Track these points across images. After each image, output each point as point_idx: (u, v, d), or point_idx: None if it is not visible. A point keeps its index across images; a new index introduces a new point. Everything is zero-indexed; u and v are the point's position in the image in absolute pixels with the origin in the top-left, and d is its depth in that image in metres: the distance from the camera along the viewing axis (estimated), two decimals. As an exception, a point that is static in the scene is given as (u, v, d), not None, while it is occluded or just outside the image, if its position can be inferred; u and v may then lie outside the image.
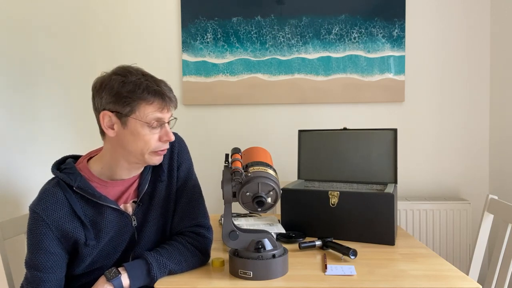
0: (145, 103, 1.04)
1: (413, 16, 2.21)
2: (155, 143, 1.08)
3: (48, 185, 1.09)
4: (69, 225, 1.05)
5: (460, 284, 1.01)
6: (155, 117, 1.06)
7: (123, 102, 1.04)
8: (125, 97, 1.04)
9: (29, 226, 1.06)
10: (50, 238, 1.04)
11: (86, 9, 2.25)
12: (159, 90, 1.06)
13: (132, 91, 1.04)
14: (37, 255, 1.04)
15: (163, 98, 1.06)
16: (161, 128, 1.08)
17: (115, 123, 1.06)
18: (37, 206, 1.05)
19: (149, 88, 1.05)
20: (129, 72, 1.06)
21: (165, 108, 1.07)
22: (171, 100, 1.08)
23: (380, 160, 1.58)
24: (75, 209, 1.06)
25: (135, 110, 1.05)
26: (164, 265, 1.08)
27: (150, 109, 1.05)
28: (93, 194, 1.07)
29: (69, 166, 1.11)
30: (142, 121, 1.05)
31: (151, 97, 1.05)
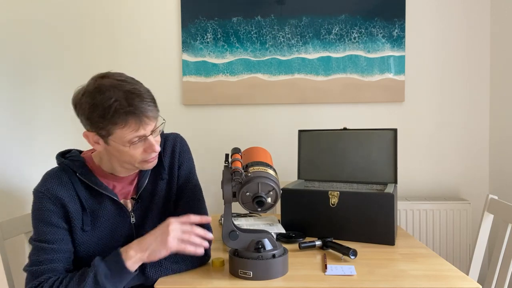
0: (117, 127, 1.00)
1: (413, 16, 2.21)
2: (141, 155, 1.07)
3: (52, 170, 1.12)
4: (71, 206, 1.07)
5: (460, 284, 1.01)
6: (132, 138, 1.02)
7: (96, 126, 1.02)
8: (97, 122, 1.01)
9: (34, 206, 1.07)
10: (57, 214, 1.06)
11: (86, 9, 2.25)
12: (130, 111, 0.99)
13: (101, 116, 0.99)
14: (45, 230, 1.05)
15: (136, 117, 1.00)
16: (144, 141, 1.05)
17: (98, 140, 1.06)
18: (42, 187, 1.07)
19: (119, 111, 0.98)
20: (99, 90, 1.00)
21: (141, 127, 1.01)
22: (147, 116, 1.01)
23: (380, 160, 1.58)
24: (78, 192, 1.08)
25: (111, 133, 1.02)
26: (159, 263, 1.08)
27: (126, 132, 1.01)
28: (95, 182, 1.10)
29: (74, 154, 1.14)
30: (120, 143, 1.03)
31: (122, 120, 0.99)
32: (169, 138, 1.24)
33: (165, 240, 1.00)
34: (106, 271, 0.99)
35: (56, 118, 2.02)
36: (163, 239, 1.00)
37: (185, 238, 1.03)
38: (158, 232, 1.02)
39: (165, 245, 1.00)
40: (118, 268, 1.00)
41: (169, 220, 1.03)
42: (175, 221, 1.03)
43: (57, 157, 1.14)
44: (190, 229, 1.04)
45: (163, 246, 1.00)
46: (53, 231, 1.06)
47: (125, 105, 0.99)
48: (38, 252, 1.04)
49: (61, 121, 2.06)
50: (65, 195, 1.07)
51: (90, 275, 0.98)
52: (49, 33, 2.01)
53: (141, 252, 1.01)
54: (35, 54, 1.88)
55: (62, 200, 1.06)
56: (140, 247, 1.01)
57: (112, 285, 0.99)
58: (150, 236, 1.02)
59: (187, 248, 1.02)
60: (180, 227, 1.03)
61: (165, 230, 1.01)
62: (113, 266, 1.00)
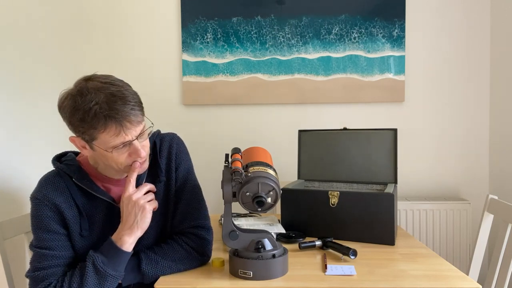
0: (97, 132, 0.97)
1: (413, 16, 2.21)
2: (126, 160, 1.04)
3: (48, 175, 1.11)
4: (68, 212, 1.07)
5: (460, 284, 1.01)
6: (114, 144, 0.99)
7: (78, 131, 1.00)
8: (78, 125, 0.99)
9: (32, 213, 1.08)
10: (55, 220, 1.06)
11: (86, 9, 2.25)
12: (110, 115, 0.95)
13: (82, 120, 0.97)
14: (44, 237, 1.06)
15: (116, 121, 0.96)
16: (129, 146, 1.02)
17: (85, 145, 1.05)
18: (38, 193, 1.07)
19: (99, 115, 0.95)
20: (80, 94, 0.97)
21: (121, 131, 0.98)
22: (128, 120, 0.98)
23: (380, 160, 1.57)
24: (75, 197, 1.08)
25: (93, 138, 0.99)
26: (156, 261, 1.09)
27: (106, 137, 0.98)
28: (91, 187, 1.09)
29: (69, 158, 1.14)
30: (103, 148, 1.01)
31: (102, 125, 0.96)
32: (165, 139, 1.21)
33: (143, 210, 1.06)
34: (103, 258, 1.02)
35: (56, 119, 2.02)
36: (142, 210, 1.06)
37: (148, 198, 1.09)
38: (130, 209, 1.06)
39: (145, 212, 1.06)
40: (115, 253, 1.03)
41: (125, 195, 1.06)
42: (131, 193, 1.06)
43: (53, 161, 1.13)
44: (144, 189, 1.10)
45: (146, 214, 1.06)
46: (52, 237, 1.06)
47: (106, 108, 0.95)
48: (39, 258, 1.05)
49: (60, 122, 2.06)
50: (62, 201, 1.07)
51: (89, 265, 1.01)
52: (48, 33, 2.01)
53: (134, 233, 1.05)
54: (34, 55, 1.88)
55: (59, 206, 1.06)
56: (131, 230, 1.05)
57: (112, 268, 1.02)
58: (128, 216, 1.06)
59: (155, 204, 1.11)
60: (139, 194, 1.07)
61: (133, 204, 1.06)
62: (109, 252, 1.03)
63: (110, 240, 1.05)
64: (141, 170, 1.10)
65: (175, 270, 1.11)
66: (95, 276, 1.01)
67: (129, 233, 1.04)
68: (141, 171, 1.10)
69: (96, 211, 1.11)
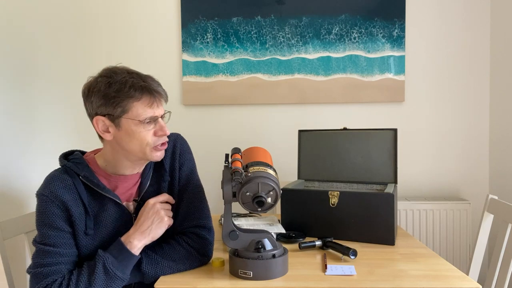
0: (133, 101, 1.04)
1: (413, 16, 2.21)
2: (152, 138, 1.08)
3: (55, 172, 1.12)
4: (74, 209, 1.07)
5: (460, 284, 1.01)
6: (146, 115, 1.06)
7: (112, 103, 1.04)
8: (114, 97, 1.04)
9: (38, 209, 1.07)
10: (61, 217, 1.06)
11: (85, 9, 2.25)
12: (145, 86, 1.05)
13: (119, 90, 1.04)
14: (49, 233, 1.06)
15: (151, 93, 1.06)
16: (155, 123, 1.09)
17: (109, 126, 1.07)
18: (45, 190, 1.07)
19: (136, 85, 1.04)
20: (114, 72, 1.06)
21: (154, 103, 1.07)
22: (159, 94, 1.08)
23: (380, 160, 1.57)
24: (81, 195, 1.09)
25: (126, 110, 1.05)
26: (156, 261, 1.09)
27: (140, 106, 1.05)
28: (97, 185, 1.10)
29: (77, 157, 1.14)
30: (135, 119, 1.05)
31: (139, 93, 1.05)
32: (170, 138, 1.22)
33: (162, 220, 1.09)
34: (113, 259, 1.03)
35: (57, 118, 2.02)
36: (161, 220, 1.09)
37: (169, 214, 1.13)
38: (151, 215, 1.09)
39: (162, 223, 1.09)
40: (125, 256, 1.04)
41: (151, 202, 1.11)
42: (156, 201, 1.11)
43: (60, 158, 1.14)
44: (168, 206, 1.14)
45: (162, 225, 1.09)
46: (57, 234, 1.06)
47: (140, 81, 1.05)
48: (42, 254, 1.05)
49: (61, 122, 2.06)
50: (69, 198, 1.07)
51: (99, 266, 1.01)
52: (48, 33, 2.01)
53: (144, 239, 1.07)
54: (34, 55, 1.88)
55: (66, 204, 1.06)
56: (142, 235, 1.07)
57: (121, 271, 1.03)
58: (145, 220, 1.08)
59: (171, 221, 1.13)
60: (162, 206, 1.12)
61: (155, 211, 1.09)
62: (118, 255, 1.03)
63: (119, 241, 1.05)
64: (159, 156, 1.12)
65: (175, 270, 1.11)
66: (104, 277, 1.01)
67: (140, 238, 1.06)
68: (159, 157, 1.13)
69: (102, 210, 1.11)
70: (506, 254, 1.36)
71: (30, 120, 1.80)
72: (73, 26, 2.21)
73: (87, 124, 2.22)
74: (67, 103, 2.12)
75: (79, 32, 2.24)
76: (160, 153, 1.13)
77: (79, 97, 1.24)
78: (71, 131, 2.15)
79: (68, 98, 2.13)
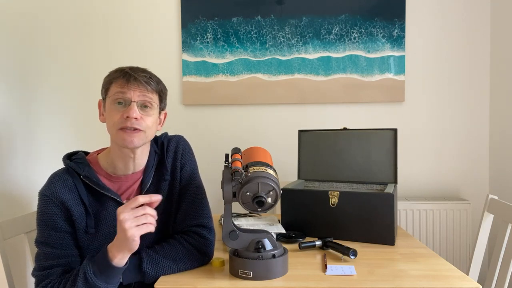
0: (112, 81, 1.11)
1: (413, 16, 2.21)
2: (118, 119, 1.09)
3: (58, 171, 1.15)
4: (75, 209, 1.10)
5: (460, 284, 1.01)
6: (116, 97, 1.09)
7: (102, 87, 1.15)
8: (104, 83, 1.14)
9: (39, 209, 1.10)
10: (61, 218, 1.09)
11: (86, 9, 2.25)
12: (126, 72, 1.10)
13: (108, 76, 1.14)
14: (50, 234, 1.08)
15: (126, 77, 1.09)
16: (127, 106, 1.10)
17: (103, 109, 1.16)
18: (47, 190, 1.10)
19: (119, 71, 1.12)
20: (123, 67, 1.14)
21: (126, 86, 1.09)
22: (136, 79, 1.09)
23: (380, 160, 1.58)
24: (81, 195, 1.11)
25: (107, 90, 1.12)
26: (157, 261, 1.09)
27: (115, 86, 1.10)
28: (97, 184, 1.12)
29: (79, 157, 1.18)
30: (109, 98, 1.11)
31: (118, 76, 1.11)
32: (172, 139, 1.26)
33: (125, 236, 0.97)
34: (95, 269, 1.00)
35: (58, 119, 2.03)
36: (124, 235, 0.97)
37: (141, 221, 0.99)
38: (119, 229, 0.99)
39: (128, 238, 0.97)
40: (106, 266, 1.00)
41: (117, 211, 0.99)
42: (122, 211, 0.98)
43: (64, 159, 1.18)
44: (142, 211, 1.00)
45: (127, 240, 0.97)
46: (57, 235, 1.09)
47: (126, 69, 1.12)
48: (44, 257, 1.08)
49: (62, 122, 2.06)
50: (69, 198, 1.10)
51: (80, 275, 1.01)
52: (48, 33, 2.01)
53: (122, 251, 1.00)
54: (35, 55, 1.88)
55: (66, 204, 1.09)
56: (118, 248, 1.00)
57: (103, 281, 1.00)
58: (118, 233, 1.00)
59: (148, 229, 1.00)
60: (130, 215, 0.98)
61: (121, 226, 0.97)
62: (101, 264, 1.01)
63: (105, 250, 1.02)
64: (128, 141, 1.08)
65: (175, 269, 1.11)
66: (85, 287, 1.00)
67: (117, 249, 1.00)
68: (128, 143, 1.09)
69: (103, 208, 1.13)
70: (506, 254, 1.36)
71: (31, 120, 1.80)
72: (73, 26, 2.21)
73: (89, 124, 2.23)
74: (69, 104, 2.12)
75: (79, 32, 2.24)
76: (129, 138, 1.08)
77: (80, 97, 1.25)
78: (73, 131, 2.15)
79: (70, 99, 2.13)
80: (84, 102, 2.18)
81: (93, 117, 1.16)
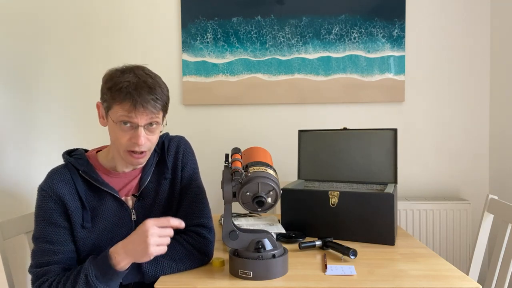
0: (115, 102, 1.06)
1: (413, 16, 2.21)
2: (125, 142, 1.09)
3: (57, 167, 1.16)
4: (71, 203, 1.10)
5: (460, 284, 1.01)
6: (122, 119, 1.06)
7: (103, 97, 1.10)
8: (105, 93, 1.09)
9: (37, 204, 1.11)
10: (59, 213, 1.09)
11: (86, 9, 2.25)
12: (132, 93, 1.04)
13: (109, 88, 1.07)
14: (47, 229, 1.09)
15: (133, 101, 1.04)
16: (134, 130, 1.08)
17: (103, 114, 1.13)
18: (45, 184, 1.11)
19: (124, 90, 1.04)
20: (123, 71, 1.09)
21: (133, 112, 1.05)
22: (144, 106, 1.05)
23: (380, 160, 1.57)
24: (79, 189, 1.11)
25: (110, 107, 1.08)
26: (156, 260, 1.09)
27: (119, 109, 1.06)
28: (96, 179, 1.13)
29: (79, 153, 1.18)
30: (113, 119, 1.08)
31: (122, 98, 1.04)
32: (174, 140, 1.27)
33: (146, 249, 0.98)
34: (97, 272, 1.00)
35: (56, 118, 2.03)
36: (144, 248, 0.98)
37: (163, 242, 1.01)
38: (139, 239, 0.99)
39: (146, 253, 0.98)
40: (108, 269, 1.00)
41: (147, 223, 0.99)
42: (153, 225, 0.99)
43: (63, 155, 1.18)
44: (167, 232, 1.02)
45: (145, 254, 0.99)
46: (54, 231, 1.09)
47: (132, 88, 1.04)
48: (40, 253, 1.08)
49: (61, 122, 2.06)
50: (66, 192, 1.10)
51: (82, 277, 1.00)
52: (48, 33, 2.01)
53: (127, 258, 1.00)
54: (35, 55, 1.88)
55: (62, 197, 1.09)
56: (125, 254, 1.00)
57: (105, 284, 1.00)
58: (132, 242, 1.00)
59: (162, 251, 1.01)
60: (158, 231, 1.00)
61: (145, 238, 0.98)
62: (103, 267, 1.01)
63: (107, 253, 1.02)
64: (135, 162, 1.13)
65: (175, 269, 1.11)
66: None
67: (123, 256, 1.00)
68: (135, 164, 1.13)
69: (100, 204, 1.13)
70: (506, 254, 1.36)
71: (30, 120, 1.80)
72: (72, 26, 2.21)
73: (89, 124, 2.22)
74: (68, 103, 2.12)
75: (79, 32, 2.24)
76: (136, 161, 1.11)
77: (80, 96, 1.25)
78: (74, 132, 2.15)
79: (69, 99, 2.13)
80: (83, 101, 2.18)
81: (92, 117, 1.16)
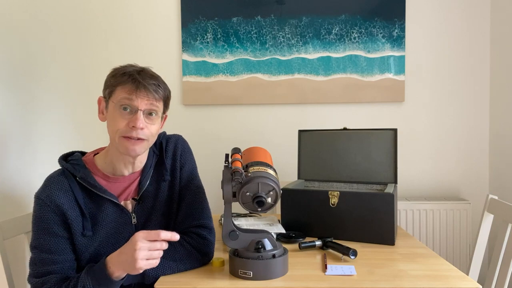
0: (118, 84, 1.07)
1: (413, 16, 2.21)
2: (123, 127, 1.07)
3: (54, 174, 1.13)
4: (70, 212, 1.07)
5: (460, 284, 1.01)
6: (122, 103, 1.06)
7: (106, 86, 1.11)
8: (108, 80, 1.11)
9: (35, 213, 1.08)
10: (57, 223, 1.07)
11: (86, 9, 2.25)
12: (135, 78, 1.06)
13: (113, 76, 1.09)
14: (45, 238, 1.06)
15: (135, 82, 1.06)
16: (133, 114, 1.07)
17: (103, 108, 1.13)
18: (42, 193, 1.08)
19: (126, 75, 1.07)
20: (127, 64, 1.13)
21: (134, 93, 1.06)
22: (145, 87, 1.06)
23: (380, 160, 1.58)
24: (77, 198, 1.09)
25: (112, 92, 1.09)
26: None
27: (121, 91, 1.07)
28: (94, 186, 1.10)
29: (75, 158, 1.15)
30: (114, 102, 1.08)
31: (125, 80, 1.07)
32: (171, 139, 1.25)
33: (134, 263, 0.96)
34: (94, 283, 1.00)
35: (57, 119, 2.03)
36: (132, 262, 0.96)
37: (153, 255, 0.98)
38: (128, 252, 0.97)
39: (134, 267, 0.96)
40: (104, 279, 1.00)
41: (136, 237, 0.97)
42: (142, 238, 0.97)
43: (59, 160, 1.15)
44: (158, 246, 0.99)
45: (133, 268, 0.97)
46: (53, 240, 1.06)
47: (135, 74, 1.07)
48: (39, 263, 1.06)
49: (61, 122, 2.06)
50: (65, 201, 1.07)
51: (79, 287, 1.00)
52: (48, 33, 2.01)
53: (119, 271, 1.00)
54: (35, 55, 1.88)
55: (61, 207, 1.06)
56: (117, 266, 0.99)
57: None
58: (122, 254, 0.99)
59: (152, 264, 0.99)
60: (147, 245, 0.97)
61: (133, 252, 0.96)
62: (100, 277, 1.00)
63: (104, 263, 1.01)
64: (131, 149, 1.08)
65: (175, 270, 1.11)
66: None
67: (117, 267, 0.99)
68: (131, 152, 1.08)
69: (99, 210, 1.11)
70: (506, 254, 1.36)
71: (30, 120, 1.80)
72: (72, 26, 2.21)
73: (89, 124, 2.22)
74: (68, 104, 2.12)
75: (78, 32, 2.24)
76: (131, 148, 1.08)
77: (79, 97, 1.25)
78: (74, 132, 2.15)
79: (69, 99, 2.13)
80: (83, 102, 2.18)
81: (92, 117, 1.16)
